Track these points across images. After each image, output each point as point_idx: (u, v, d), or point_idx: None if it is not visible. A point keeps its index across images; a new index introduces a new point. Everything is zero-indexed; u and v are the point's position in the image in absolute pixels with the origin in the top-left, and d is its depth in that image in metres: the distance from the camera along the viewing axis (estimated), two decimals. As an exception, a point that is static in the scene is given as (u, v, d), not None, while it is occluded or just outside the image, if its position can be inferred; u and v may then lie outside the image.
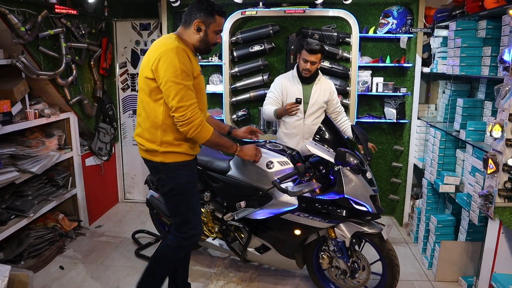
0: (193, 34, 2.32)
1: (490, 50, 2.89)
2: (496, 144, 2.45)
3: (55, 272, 3.35)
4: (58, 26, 3.50)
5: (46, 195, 3.59)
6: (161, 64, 2.16)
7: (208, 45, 2.39)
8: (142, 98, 2.34)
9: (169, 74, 2.15)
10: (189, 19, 2.32)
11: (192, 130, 2.23)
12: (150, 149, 2.36)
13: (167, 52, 2.17)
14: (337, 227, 2.69)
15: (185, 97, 2.18)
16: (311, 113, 3.42)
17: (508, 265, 2.49)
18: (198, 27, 2.30)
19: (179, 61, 2.17)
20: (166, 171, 2.38)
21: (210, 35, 2.35)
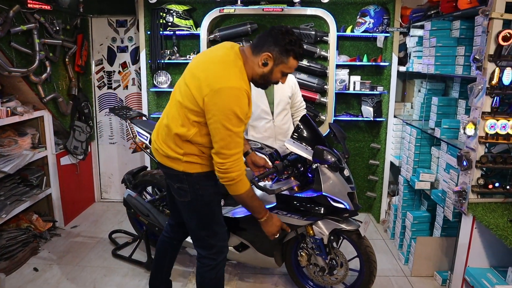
0: (257, 67, 2.07)
1: (464, 49, 2.95)
2: (470, 142, 2.51)
3: (29, 274, 3.27)
4: (31, 22, 3.41)
5: (19, 195, 3.50)
6: (217, 100, 1.93)
7: (267, 83, 2.17)
8: (179, 108, 2.10)
9: (222, 117, 1.93)
10: (260, 46, 2.05)
11: (225, 180, 2.06)
12: (172, 156, 2.16)
13: (229, 91, 1.93)
14: (315, 225, 2.70)
15: (230, 145, 1.99)
16: (278, 112, 3.35)
17: (480, 259, 2.55)
18: (265, 62, 2.05)
19: (238, 106, 1.94)
20: (189, 181, 2.19)
21: (275, 74, 2.11)
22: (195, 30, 4.16)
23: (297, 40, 2.05)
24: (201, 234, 2.33)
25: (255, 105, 3.29)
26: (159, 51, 4.19)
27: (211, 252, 2.32)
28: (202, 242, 2.34)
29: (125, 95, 4.68)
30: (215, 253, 2.33)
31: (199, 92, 1.99)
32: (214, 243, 2.32)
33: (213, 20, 4.10)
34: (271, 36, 2.03)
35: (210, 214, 2.29)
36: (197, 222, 2.30)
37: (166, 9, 4.08)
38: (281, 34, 2.02)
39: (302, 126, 2.74)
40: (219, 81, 1.95)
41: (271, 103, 3.33)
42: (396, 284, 3.21)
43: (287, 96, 3.36)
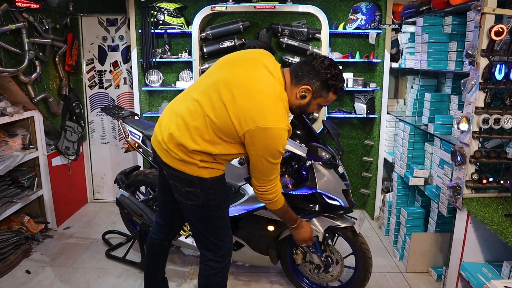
0: (295, 98, 2.03)
1: (456, 45, 2.95)
2: (463, 137, 2.51)
3: (21, 276, 3.23)
4: (19, 21, 3.36)
5: (10, 197, 3.45)
6: (262, 138, 1.89)
7: (304, 112, 2.15)
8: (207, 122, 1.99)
9: (266, 153, 1.93)
10: (301, 77, 2.00)
11: (262, 199, 2.15)
12: (187, 161, 2.05)
13: (277, 132, 1.89)
14: (310, 222, 2.68)
15: (270, 172, 2.02)
16: None
17: (476, 254, 2.55)
18: (303, 95, 2.02)
19: (281, 144, 1.93)
20: (202, 186, 2.11)
21: (312, 106, 2.08)
22: (186, 28, 4.13)
23: (339, 74, 2.02)
24: (209, 237, 2.26)
25: None
26: (150, 50, 4.15)
27: (218, 254, 2.28)
28: (210, 245, 2.28)
29: (116, 94, 4.63)
30: (222, 255, 2.29)
31: (240, 123, 1.91)
32: (221, 245, 2.27)
33: (205, 18, 4.08)
34: (313, 69, 1.98)
35: (220, 217, 2.25)
36: (206, 226, 2.24)
37: (157, 7, 4.05)
38: (323, 68, 1.97)
39: (296, 123, 2.73)
40: (268, 121, 1.88)
41: None
42: (391, 281, 3.21)
43: None
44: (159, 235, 2.60)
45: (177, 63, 4.31)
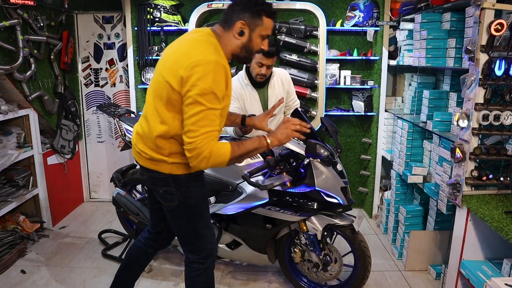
0: (234, 39, 1.95)
1: (455, 41, 2.93)
2: (463, 134, 2.49)
3: (16, 276, 3.19)
4: (14, 18, 3.32)
5: (5, 196, 3.42)
6: (192, 73, 1.78)
7: (251, 53, 2.03)
8: (155, 104, 1.96)
9: (196, 91, 1.78)
10: (230, 19, 1.93)
11: (198, 161, 1.85)
12: (157, 159, 2.01)
13: (204, 65, 1.79)
14: (309, 220, 2.67)
15: (202, 122, 1.81)
16: (272, 119, 3.17)
17: (475, 251, 2.54)
18: (241, 31, 1.93)
19: (213, 80, 1.79)
20: (176, 184, 2.05)
21: (254, 40, 1.98)
22: (183, 25, 4.10)
23: None
24: (190, 238, 2.22)
25: (249, 112, 3.12)
26: (146, 48, 4.12)
27: (200, 256, 2.22)
28: (191, 246, 2.24)
29: (112, 92, 4.60)
30: (205, 257, 2.23)
31: (172, 72, 1.86)
32: (203, 246, 2.22)
33: (202, 15, 4.05)
34: (237, 5, 1.94)
35: (198, 217, 2.18)
36: (185, 227, 2.19)
37: (153, 5, 4.02)
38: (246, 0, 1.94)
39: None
40: (194, 55, 1.82)
41: (265, 109, 3.15)
42: (390, 279, 3.19)
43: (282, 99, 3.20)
44: (147, 240, 2.51)
45: (174, 60, 4.27)
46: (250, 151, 2.00)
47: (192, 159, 1.86)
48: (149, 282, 3.13)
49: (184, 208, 2.13)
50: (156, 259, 3.46)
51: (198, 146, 1.82)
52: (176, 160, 2.02)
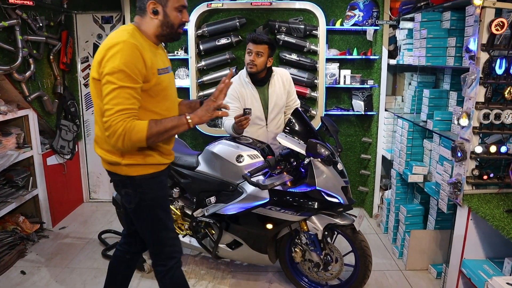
0: (151, 21, 1.95)
1: (455, 40, 2.92)
2: (464, 132, 2.48)
3: (16, 277, 3.18)
4: (12, 18, 3.31)
5: (4, 197, 3.41)
6: (105, 58, 1.82)
7: (173, 28, 2.00)
8: (96, 104, 1.97)
9: (106, 70, 1.81)
10: (142, 5, 1.95)
11: (114, 139, 1.83)
12: (112, 162, 2.02)
13: (114, 46, 1.81)
14: (309, 220, 2.67)
15: (116, 100, 1.80)
16: (273, 118, 3.19)
17: (476, 250, 2.53)
18: (154, 10, 1.93)
19: (122, 56, 1.80)
20: (132, 185, 2.05)
21: (171, 14, 1.96)
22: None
23: None
24: (149, 240, 2.21)
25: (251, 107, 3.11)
26: (146, 47, 4.10)
27: (160, 258, 2.21)
28: (151, 248, 2.22)
29: (112, 93, 4.58)
30: (164, 259, 2.20)
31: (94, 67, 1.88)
32: (161, 249, 2.20)
33: (201, 15, 4.04)
34: None
35: (156, 219, 2.15)
36: (145, 228, 2.18)
37: (153, 4, 4.00)
38: None
39: (294, 120, 2.70)
40: (107, 43, 1.85)
41: (265, 108, 3.16)
42: (391, 278, 3.19)
43: (282, 99, 3.18)
44: (123, 246, 2.47)
45: (173, 60, 4.26)
46: (169, 128, 1.95)
47: (109, 138, 1.85)
48: (150, 282, 3.12)
49: (141, 210, 2.11)
50: (156, 259, 3.46)
51: (112, 124, 1.80)
52: (130, 161, 2.00)
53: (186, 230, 3.16)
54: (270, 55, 3.03)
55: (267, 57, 3.02)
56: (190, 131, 4.43)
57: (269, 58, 3.04)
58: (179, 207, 3.15)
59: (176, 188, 3.14)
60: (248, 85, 3.11)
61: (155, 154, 2.06)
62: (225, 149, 2.84)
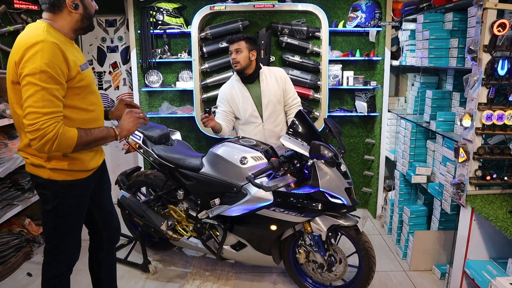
0: (70, 16, 1.91)
1: (457, 41, 2.94)
2: (466, 133, 2.49)
3: (22, 279, 3.21)
4: (18, 22, 3.36)
5: (10, 200, 3.43)
6: (24, 59, 1.75)
7: (91, 18, 2.02)
8: (14, 110, 1.92)
9: (26, 71, 1.74)
10: (56, 2, 1.88)
11: (48, 147, 1.78)
12: (36, 164, 1.99)
13: (32, 47, 1.75)
14: (313, 221, 2.68)
15: (41, 102, 1.74)
16: (268, 115, 3.21)
17: (480, 251, 2.54)
18: (74, 4, 1.89)
19: (43, 59, 1.74)
20: (53, 189, 2.01)
21: (88, 5, 1.97)
22: (185, 28, 4.11)
23: None
24: (50, 240, 2.15)
25: (243, 109, 3.20)
26: (150, 50, 4.14)
27: (55, 260, 2.17)
28: (51, 249, 2.17)
29: (116, 95, 4.62)
30: (59, 261, 2.17)
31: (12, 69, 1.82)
32: (61, 253, 2.16)
33: (204, 17, 4.06)
34: None
35: (67, 225, 2.11)
36: (51, 229, 2.12)
37: (156, 8, 4.03)
38: None
39: (298, 121, 2.72)
40: (21, 44, 1.78)
41: (258, 105, 3.20)
42: (395, 279, 3.19)
43: (277, 95, 3.19)
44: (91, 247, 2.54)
45: (177, 63, 4.29)
46: (98, 139, 1.98)
47: (35, 142, 1.77)
48: (155, 284, 3.15)
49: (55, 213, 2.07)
50: (161, 261, 3.48)
51: (41, 127, 1.75)
52: (55, 166, 1.98)
53: (190, 231, 3.18)
54: (251, 49, 3.12)
55: (248, 51, 3.11)
56: (194, 134, 4.45)
57: (250, 52, 3.12)
58: (184, 209, 3.17)
59: (180, 190, 3.16)
60: (239, 84, 3.20)
61: (79, 160, 2.04)
62: (229, 151, 2.86)
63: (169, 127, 3.51)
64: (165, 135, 3.29)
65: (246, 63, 3.11)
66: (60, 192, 2.02)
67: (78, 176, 2.06)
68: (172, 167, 3.09)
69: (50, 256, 2.18)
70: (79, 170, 2.05)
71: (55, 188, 2.01)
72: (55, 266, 2.17)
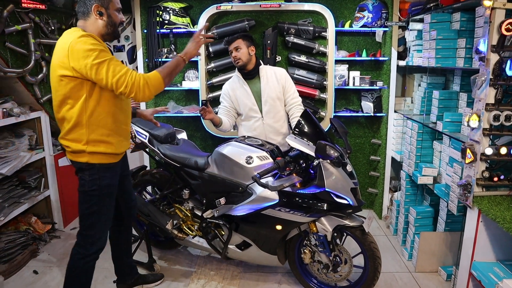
0: (97, 21, 2.23)
1: (465, 42, 2.92)
2: (474, 134, 2.47)
3: (28, 277, 3.23)
4: (25, 22, 3.37)
5: (17, 198, 3.46)
6: (75, 55, 2.05)
7: (115, 26, 2.31)
8: (61, 100, 2.20)
9: (87, 60, 2.05)
10: (85, 9, 2.21)
11: (147, 91, 2.16)
12: (76, 150, 2.26)
13: (75, 43, 2.06)
14: (319, 221, 2.67)
15: (117, 68, 2.10)
16: (268, 111, 3.26)
17: (487, 253, 2.52)
18: (99, 12, 2.21)
19: (91, 43, 2.07)
20: (91, 171, 2.30)
21: (113, 15, 2.27)
22: (192, 27, 4.12)
23: None
24: (85, 220, 2.38)
25: (243, 104, 3.27)
26: (156, 50, 4.15)
27: (88, 240, 2.40)
28: (82, 229, 2.40)
29: (122, 95, 4.62)
30: (91, 242, 2.40)
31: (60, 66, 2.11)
32: (92, 233, 2.39)
33: (210, 17, 4.06)
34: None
35: (100, 205, 2.37)
36: (86, 209, 2.36)
37: (163, 7, 4.04)
38: None
39: (304, 121, 2.71)
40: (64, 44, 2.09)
41: (258, 100, 3.26)
42: (400, 280, 3.18)
43: (276, 92, 3.25)
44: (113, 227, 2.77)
45: (183, 62, 4.30)
46: (173, 67, 2.30)
47: (139, 95, 2.15)
48: (164, 284, 3.15)
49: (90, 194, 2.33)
50: (166, 260, 3.48)
51: (131, 81, 2.11)
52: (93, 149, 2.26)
53: (196, 231, 3.18)
54: (248, 45, 3.22)
55: (246, 47, 3.20)
56: (200, 133, 4.46)
57: (249, 48, 3.22)
58: (189, 208, 3.17)
59: (186, 189, 3.17)
60: (240, 80, 3.30)
61: (113, 144, 2.33)
62: (235, 151, 2.86)
63: (175, 126, 3.52)
64: (171, 135, 3.30)
65: (247, 59, 3.21)
66: (96, 174, 2.31)
67: (111, 160, 2.36)
68: (177, 166, 3.09)
69: (82, 236, 2.41)
70: (112, 153, 2.33)
71: (93, 171, 2.30)
72: (85, 246, 2.40)
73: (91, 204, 2.34)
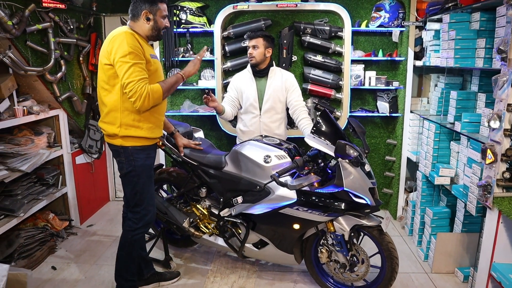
0: (144, 25, 2.52)
1: (484, 42, 2.89)
2: (494, 135, 2.45)
3: (47, 272, 3.27)
4: (46, 21, 3.41)
5: (36, 194, 3.51)
6: (114, 48, 2.36)
7: (159, 31, 2.59)
8: (101, 85, 2.51)
9: (118, 55, 2.34)
10: (136, 13, 2.50)
11: (146, 102, 2.38)
12: (111, 134, 2.53)
13: (118, 37, 2.37)
14: (336, 221, 2.67)
15: (134, 73, 2.34)
16: (267, 110, 3.35)
17: (507, 254, 2.49)
18: (147, 17, 2.50)
19: (128, 43, 2.35)
20: (125, 153, 2.56)
21: (159, 21, 2.55)
22: (208, 27, 4.14)
23: None
24: (131, 200, 2.69)
25: (246, 98, 3.37)
26: (172, 49, 4.18)
27: (135, 216, 2.70)
28: (132, 207, 2.70)
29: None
30: (138, 218, 2.70)
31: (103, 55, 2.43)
32: (139, 210, 2.69)
33: (227, 16, 4.08)
34: (137, 1, 2.50)
35: (141, 184, 2.64)
36: (130, 190, 2.67)
37: (180, 7, 4.07)
38: None
39: (322, 121, 2.71)
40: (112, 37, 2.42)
41: (260, 98, 3.36)
42: (416, 281, 3.16)
43: (278, 94, 3.33)
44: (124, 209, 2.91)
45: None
46: (172, 83, 2.59)
47: (138, 102, 2.38)
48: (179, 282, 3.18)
49: (130, 175, 2.61)
50: (182, 258, 3.51)
51: (137, 89, 2.35)
52: (125, 132, 2.51)
53: (212, 229, 3.20)
54: (267, 46, 3.30)
55: (264, 48, 3.29)
56: (215, 132, 4.49)
57: (267, 49, 3.30)
58: (206, 206, 3.19)
59: (203, 187, 3.19)
60: (249, 75, 3.40)
61: (144, 128, 2.55)
62: (253, 150, 2.87)
63: (190, 125, 3.54)
64: (189, 133, 3.32)
65: (261, 59, 3.30)
66: (130, 156, 2.57)
67: (143, 143, 2.59)
68: (195, 164, 3.11)
69: (132, 213, 2.72)
70: (142, 137, 2.56)
71: (127, 153, 2.56)
72: (135, 221, 2.71)
73: (133, 186, 2.64)
